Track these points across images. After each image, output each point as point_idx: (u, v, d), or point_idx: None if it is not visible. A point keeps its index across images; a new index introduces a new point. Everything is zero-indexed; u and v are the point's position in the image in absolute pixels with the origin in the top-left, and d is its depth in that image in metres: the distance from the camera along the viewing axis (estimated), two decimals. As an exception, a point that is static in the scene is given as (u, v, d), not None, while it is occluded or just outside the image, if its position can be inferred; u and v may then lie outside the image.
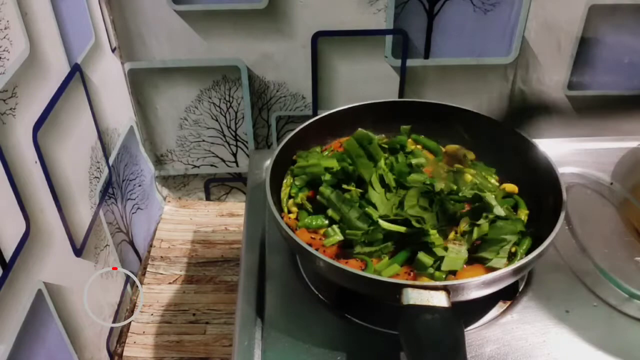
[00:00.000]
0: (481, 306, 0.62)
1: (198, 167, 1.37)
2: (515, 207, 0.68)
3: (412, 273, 0.60)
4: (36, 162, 0.76)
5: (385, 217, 0.63)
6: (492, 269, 0.58)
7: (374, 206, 0.64)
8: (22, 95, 0.73)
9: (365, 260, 0.61)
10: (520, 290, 0.64)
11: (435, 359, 0.47)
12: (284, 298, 0.65)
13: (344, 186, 0.68)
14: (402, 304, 0.51)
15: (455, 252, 0.60)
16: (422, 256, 0.59)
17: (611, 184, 0.77)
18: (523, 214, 0.66)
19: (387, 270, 0.59)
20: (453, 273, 0.60)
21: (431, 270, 0.59)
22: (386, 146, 0.75)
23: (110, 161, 1.07)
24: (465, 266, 0.60)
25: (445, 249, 0.60)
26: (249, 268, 0.69)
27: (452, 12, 1.14)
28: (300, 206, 0.70)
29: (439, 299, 0.50)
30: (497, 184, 0.72)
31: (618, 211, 0.74)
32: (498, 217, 0.63)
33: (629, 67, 1.21)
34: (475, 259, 0.61)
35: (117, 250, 1.07)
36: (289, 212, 0.69)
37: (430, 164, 0.73)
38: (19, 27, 0.72)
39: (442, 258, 0.59)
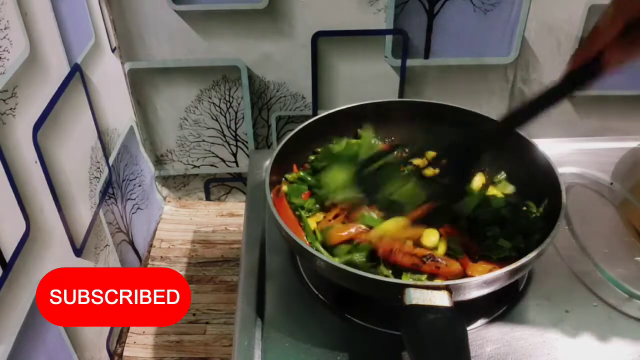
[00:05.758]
0: (481, 306, 0.62)
1: (198, 167, 1.37)
2: None
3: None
4: (36, 162, 0.76)
5: None
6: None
7: None
8: (22, 95, 0.73)
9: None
10: (520, 290, 0.64)
11: (439, 358, 0.47)
12: (284, 298, 0.65)
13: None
14: (405, 304, 0.50)
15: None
16: (502, 242, 0.62)
17: (611, 184, 0.77)
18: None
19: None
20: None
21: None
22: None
23: (110, 161, 1.07)
24: (471, 263, 0.61)
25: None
26: (249, 268, 0.68)
27: (452, 12, 1.14)
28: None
29: (442, 299, 0.50)
30: None
31: (618, 211, 0.74)
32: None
33: (629, 67, 1.21)
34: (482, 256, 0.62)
35: (117, 250, 1.07)
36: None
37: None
38: (19, 27, 0.72)
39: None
